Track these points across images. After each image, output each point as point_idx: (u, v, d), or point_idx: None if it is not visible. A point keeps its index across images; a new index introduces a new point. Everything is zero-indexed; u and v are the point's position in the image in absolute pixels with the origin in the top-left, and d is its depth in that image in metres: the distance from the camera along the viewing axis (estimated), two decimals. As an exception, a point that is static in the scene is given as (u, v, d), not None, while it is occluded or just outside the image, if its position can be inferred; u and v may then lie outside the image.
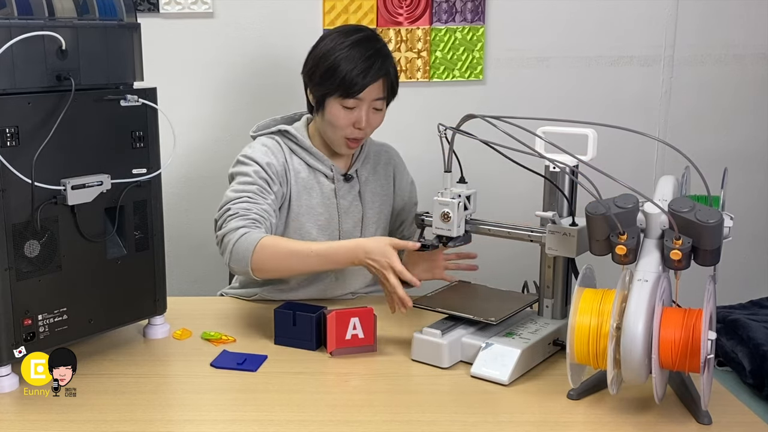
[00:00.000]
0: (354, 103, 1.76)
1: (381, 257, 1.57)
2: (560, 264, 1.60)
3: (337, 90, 1.75)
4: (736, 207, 1.53)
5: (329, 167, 1.86)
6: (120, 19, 1.56)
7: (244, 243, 1.63)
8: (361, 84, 1.74)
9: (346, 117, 1.78)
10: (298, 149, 1.86)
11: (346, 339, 1.57)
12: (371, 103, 1.78)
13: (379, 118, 1.83)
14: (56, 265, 1.48)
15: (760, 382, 1.91)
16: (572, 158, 1.47)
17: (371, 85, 1.75)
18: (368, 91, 1.75)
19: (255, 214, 1.70)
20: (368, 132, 1.83)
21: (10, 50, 1.36)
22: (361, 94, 1.75)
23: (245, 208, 1.70)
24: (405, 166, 2.03)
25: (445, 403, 1.40)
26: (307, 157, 1.86)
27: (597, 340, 1.32)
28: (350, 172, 1.90)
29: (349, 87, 1.74)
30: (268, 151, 1.82)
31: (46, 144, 1.40)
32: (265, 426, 1.32)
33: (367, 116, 1.78)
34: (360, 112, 1.77)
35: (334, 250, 1.63)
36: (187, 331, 1.71)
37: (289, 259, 1.64)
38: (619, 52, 2.37)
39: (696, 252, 1.31)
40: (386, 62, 1.78)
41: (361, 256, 1.59)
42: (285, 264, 1.65)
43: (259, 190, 1.75)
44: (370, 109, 1.78)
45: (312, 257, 1.63)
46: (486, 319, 1.53)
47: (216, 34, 2.30)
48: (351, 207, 1.89)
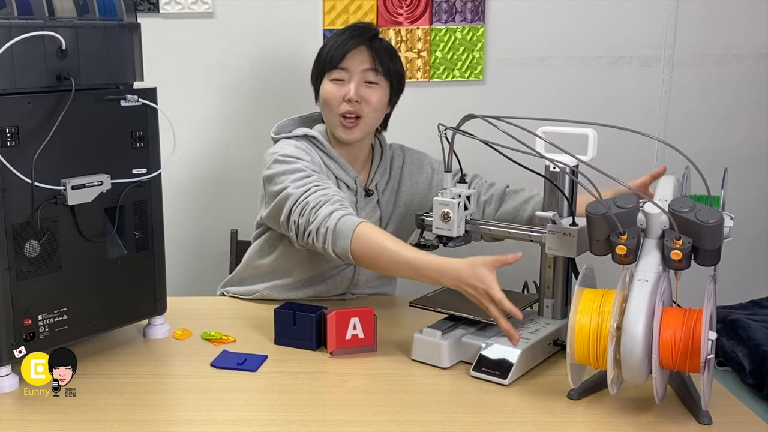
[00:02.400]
0: (341, 74, 1.78)
1: (477, 282, 1.45)
2: (560, 264, 1.60)
3: (324, 68, 1.79)
4: (736, 207, 1.54)
5: (353, 179, 1.85)
6: (120, 19, 1.56)
7: (343, 228, 1.59)
8: (341, 52, 1.77)
9: (337, 90, 1.79)
10: (325, 157, 1.84)
11: (346, 339, 1.57)
12: (362, 75, 1.79)
13: (374, 94, 1.79)
14: (56, 265, 1.48)
15: (760, 382, 1.91)
16: (572, 158, 1.47)
17: (353, 53, 1.77)
18: (352, 59, 1.77)
19: (337, 198, 1.66)
20: (364, 108, 1.79)
21: (10, 50, 1.36)
22: (344, 63, 1.77)
23: (324, 194, 1.65)
24: (420, 155, 1.99)
25: (445, 403, 1.40)
26: (333, 166, 1.84)
27: (597, 340, 1.32)
28: (370, 187, 1.89)
29: (331, 59, 1.78)
30: (301, 151, 1.77)
31: (46, 144, 1.40)
32: (265, 426, 1.32)
33: (357, 87, 1.78)
34: (348, 84, 1.78)
35: (425, 263, 1.51)
36: (187, 331, 1.71)
37: (380, 255, 1.57)
38: (619, 52, 2.37)
39: (696, 252, 1.31)
40: (370, 34, 1.80)
41: (454, 279, 1.48)
42: (377, 260, 1.58)
43: (321, 179, 1.71)
44: (361, 82, 1.79)
45: (402, 263, 1.54)
46: (486, 319, 1.53)
47: (216, 34, 2.29)
48: (368, 216, 1.88)
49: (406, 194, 1.95)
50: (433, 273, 1.50)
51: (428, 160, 1.99)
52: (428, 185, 1.96)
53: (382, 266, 1.60)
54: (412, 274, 1.54)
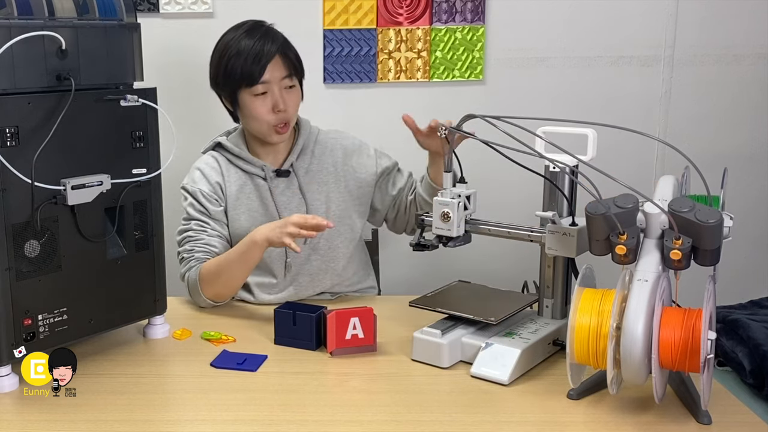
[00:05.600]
0: (263, 88, 1.82)
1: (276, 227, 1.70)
2: (560, 264, 1.60)
3: (241, 83, 1.82)
4: (736, 207, 1.54)
5: (260, 167, 1.90)
6: (120, 19, 1.56)
7: (192, 284, 1.83)
8: (258, 68, 1.80)
9: (263, 104, 1.83)
10: (234, 158, 1.93)
11: (346, 339, 1.57)
12: (280, 83, 1.83)
13: (296, 97, 1.88)
14: (56, 265, 1.48)
15: (760, 382, 1.90)
16: (572, 158, 1.47)
17: (269, 65, 1.81)
18: (270, 72, 1.81)
19: (197, 253, 1.85)
20: (291, 113, 1.86)
21: (10, 50, 1.36)
22: (264, 77, 1.81)
23: (188, 251, 1.86)
24: (360, 144, 2.01)
25: (445, 403, 1.40)
26: (242, 164, 1.92)
27: (597, 340, 1.32)
28: (284, 167, 1.92)
29: (249, 75, 1.81)
30: (200, 176, 1.91)
31: (46, 144, 1.40)
32: (265, 426, 1.32)
33: (282, 97, 1.83)
34: (273, 95, 1.83)
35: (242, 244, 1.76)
36: (187, 331, 1.71)
37: (221, 272, 1.79)
38: (619, 52, 2.37)
39: (696, 252, 1.31)
40: (276, 40, 1.84)
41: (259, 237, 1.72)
42: (223, 278, 1.79)
43: (198, 225, 1.88)
44: (282, 90, 1.83)
45: (233, 260, 1.77)
46: (486, 319, 1.53)
47: (216, 34, 2.29)
48: (291, 201, 1.92)
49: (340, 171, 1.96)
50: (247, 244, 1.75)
51: (365, 148, 2.00)
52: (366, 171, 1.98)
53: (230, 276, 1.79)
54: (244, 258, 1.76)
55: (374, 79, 2.35)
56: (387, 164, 2.00)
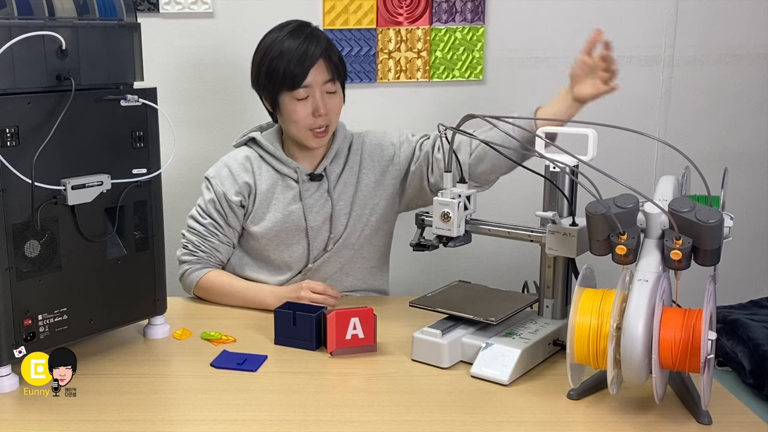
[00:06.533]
0: (304, 92, 1.80)
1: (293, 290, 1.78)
2: (560, 264, 1.60)
3: (282, 86, 1.80)
4: (736, 207, 1.54)
5: (294, 169, 1.89)
6: (120, 19, 1.56)
7: (187, 283, 1.90)
8: (301, 71, 1.78)
9: (303, 108, 1.81)
10: (268, 156, 1.90)
11: (346, 339, 1.57)
12: (322, 88, 1.81)
13: (337, 102, 1.86)
14: (56, 265, 1.48)
15: (760, 382, 1.91)
16: (572, 158, 1.47)
17: (312, 69, 1.78)
18: (313, 76, 1.79)
19: (202, 253, 1.89)
20: (332, 118, 1.85)
21: (10, 50, 1.36)
22: (306, 81, 1.78)
23: (194, 244, 1.90)
24: (380, 136, 1.97)
25: (445, 403, 1.40)
26: (275, 163, 1.90)
27: (597, 340, 1.32)
28: (318, 171, 1.90)
29: (292, 78, 1.78)
30: (228, 174, 1.90)
31: (46, 144, 1.40)
32: (265, 426, 1.32)
33: (323, 101, 1.81)
34: (314, 99, 1.80)
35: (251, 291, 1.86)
36: (187, 331, 1.71)
37: (219, 295, 1.88)
38: (619, 52, 2.35)
39: (696, 252, 1.30)
40: (320, 43, 1.81)
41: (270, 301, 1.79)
42: (216, 298, 1.89)
43: (212, 226, 1.89)
44: (323, 94, 1.81)
45: (235, 295, 1.86)
46: (486, 319, 1.53)
47: (216, 34, 2.30)
48: (317, 204, 1.90)
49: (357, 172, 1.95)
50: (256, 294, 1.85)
51: (389, 138, 1.97)
52: (390, 161, 1.95)
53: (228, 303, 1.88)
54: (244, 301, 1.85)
55: (374, 79, 2.35)
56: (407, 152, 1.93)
